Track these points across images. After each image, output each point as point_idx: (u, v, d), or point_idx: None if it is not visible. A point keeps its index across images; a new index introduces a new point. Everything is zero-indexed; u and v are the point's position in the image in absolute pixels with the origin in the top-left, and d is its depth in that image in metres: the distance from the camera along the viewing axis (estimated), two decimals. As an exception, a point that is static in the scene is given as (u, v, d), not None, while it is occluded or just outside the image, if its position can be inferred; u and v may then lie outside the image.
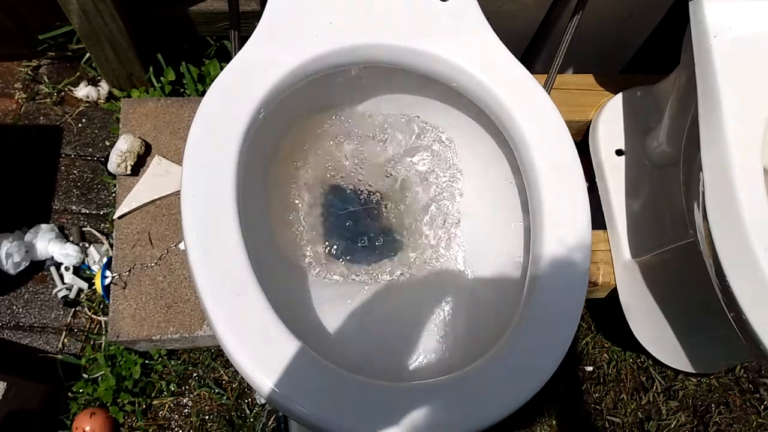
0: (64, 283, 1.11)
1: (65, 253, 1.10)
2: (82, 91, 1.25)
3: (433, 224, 0.88)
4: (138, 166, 1.07)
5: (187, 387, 1.11)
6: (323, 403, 0.55)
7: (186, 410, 1.10)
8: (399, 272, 0.85)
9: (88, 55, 1.22)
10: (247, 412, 1.10)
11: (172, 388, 1.10)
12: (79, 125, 1.25)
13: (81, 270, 1.12)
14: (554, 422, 1.17)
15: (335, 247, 0.85)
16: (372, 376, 0.58)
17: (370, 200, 0.88)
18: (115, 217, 1.04)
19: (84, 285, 1.12)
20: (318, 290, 0.80)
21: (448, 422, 0.56)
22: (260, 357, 0.56)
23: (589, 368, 1.22)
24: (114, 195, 1.12)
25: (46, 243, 1.10)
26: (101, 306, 1.12)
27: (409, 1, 0.76)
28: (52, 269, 1.12)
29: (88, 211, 1.19)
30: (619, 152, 1.05)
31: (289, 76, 0.68)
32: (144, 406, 1.08)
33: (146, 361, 1.09)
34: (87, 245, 1.14)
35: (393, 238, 0.87)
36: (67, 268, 1.10)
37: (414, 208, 0.89)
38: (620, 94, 1.08)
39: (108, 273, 1.02)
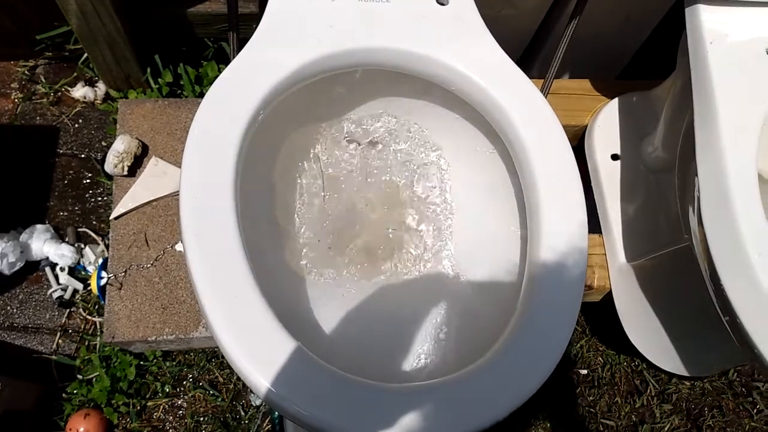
0: (59, 284, 1.11)
1: (60, 253, 1.10)
2: (79, 91, 1.25)
3: (430, 228, 0.88)
4: (135, 167, 1.07)
5: (181, 388, 1.11)
6: (319, 404, 0.55)
7: (181, 412, 1.09)
8: (395, 275, 0.85)
9: (85, 55, 1.22)
10: (242, 413, 1.10)
11: (167, 390, 1.10)
12: (76, 126, 1.25)
13: (76, 271, 1.12)
14: (549, 425, 1.17)
15: (333, 249, 0.85)
16: (368, 377, 0.58)
17: (367, 204, 0.88)
18: (111, 217, 1.04)
19: (79, 286, 1.11)
20: (315, 291, 0.80)
21: (443, 424, 0.57)
22: (257, 357, 0.56)
23: (584, 371, 1.22)
24: (110, 196, 1.12)
25: (41, 243, 1.10)
26: (96, 307, 1.12)
27: (409, 5, 0.76)
28: (48, 270, 1.11)
29: (83, 212, 1.19)
30: (614, 157, 1.06)
31: (288, 78, 0.68)
32: (138, 408, 1.08)
33: (141, 363, 1.08)
34: (82, 246, 1.14)
35: (390, 241, 0.87)
36: (62, 269, 1.10)
37: (411, 212, 0.89)
38: (616, 99, 1.09)
39: (104, 274, 1.01)
